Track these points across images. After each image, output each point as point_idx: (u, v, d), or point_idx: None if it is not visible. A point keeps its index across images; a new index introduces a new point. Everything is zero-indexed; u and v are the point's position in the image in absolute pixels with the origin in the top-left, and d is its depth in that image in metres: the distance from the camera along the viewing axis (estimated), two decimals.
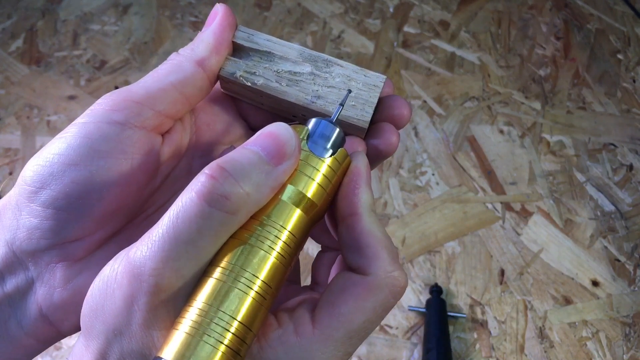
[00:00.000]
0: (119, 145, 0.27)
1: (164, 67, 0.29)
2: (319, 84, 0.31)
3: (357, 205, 0.26)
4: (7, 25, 0.97)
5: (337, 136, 0.27)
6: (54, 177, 0.26)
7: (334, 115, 0.28)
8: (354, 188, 0.26)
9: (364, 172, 0.27)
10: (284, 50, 0.32)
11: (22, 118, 0.86)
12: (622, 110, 0.88)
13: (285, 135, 0.24)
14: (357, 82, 0.31)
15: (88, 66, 0.92)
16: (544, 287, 0.71)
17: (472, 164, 0.82)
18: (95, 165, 0.26)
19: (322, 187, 0.25)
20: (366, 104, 0.30)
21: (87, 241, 0.27)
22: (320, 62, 0.31)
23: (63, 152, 0.26)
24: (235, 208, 0.22)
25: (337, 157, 0.26)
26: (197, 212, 0.21)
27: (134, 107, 0.27)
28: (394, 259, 0.25)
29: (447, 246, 0.74)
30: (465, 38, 0.97)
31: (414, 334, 0.68)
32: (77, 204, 0.26)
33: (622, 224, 0.77)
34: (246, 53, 0.31)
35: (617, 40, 0.97)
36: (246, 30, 0.32)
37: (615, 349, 0.67)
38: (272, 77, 0.31)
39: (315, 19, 0.99)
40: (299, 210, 0.25)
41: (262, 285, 0.23)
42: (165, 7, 1.00)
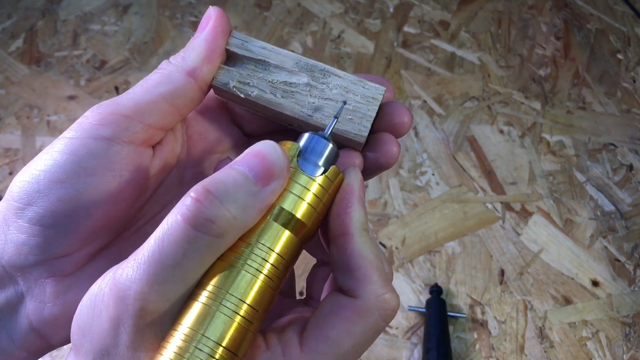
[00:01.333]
0: (106, 162, 0.26)
1: (153, 77, 0.28)
2: (316, 96, 0.29)
3: (348, 224, 0.25)
4: (7, 25, 0.97)
5: (329, 152, 0.26)
6: (40, 194, 0.26)
7: (328, 130, 0.27)
8: (345, 207, 0.25)
9: (356, 189, 0.26)
10: (279, 58, 0.30)
11: (22, 118, 0.86)
12: (622, 110, 0.88)
13: (273, 154, 0.23)
14: (355, 94, 0.29)
15: (88, 66, 0.92)
16: (544, 287, 0.71)
17: (472, 164, 0.82)
18: (82, 182, 0.26)
19: (312, 206, 0.25)
20: (364, 117, 0.29)
21: (76, 257, 0.27)
22: (317, 72, 0.30)
23: (49, 168, 0.26)
24: (222, 231, 0.21)
25: (329, 175, 0.25)
26: (182, 235, 0.21)
27: (122, 121, 0.27)
28: (386, 280, 0.24)
29: (447, 246, 0.74)
30: (465, 38, 0.97)
31: (414, 334, 0.68)
32: (63, 221, 0.26)
33: (622, 224, 0.77)
34: (240, 61, 0.30)
35: (617, 40, 0.97)
36: (240, 37, 0.30)
37: (615, 349, 0.67)
38: (266, 87, 0.30)
39: (315, 19, 0.99)
40: (288, 232, 0.24)
41: (249, 310, 0.22)
42: (165, 7, 1.00)
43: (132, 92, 0.27)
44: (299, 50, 0.94)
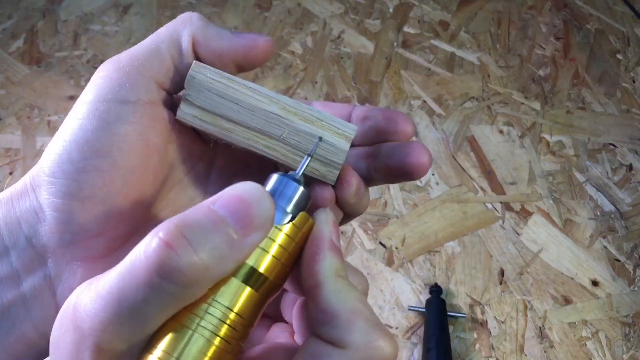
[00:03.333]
0: (135, 126, 0.25)
1: (162, 32, 0.27)
2: (286, 128, 0.27)
3: (319, 274, 0.22)
4: (7, 25, 0.97)
5: (300, 197, 0.24)
6: (75, 167, 0.24)
7: (300, 169, 0.25)
8: (314, 254, 0.23)
9: (326, 234, 0.23)
10: (247, 96, 0.27)
11: (22, 118, 0.86)
12: (621, 110, 0.88)
13: (260, 203, 0.20)
14: (328, 131, 0.27)
15: (88, 66, 0.92)
16: (544, 287, 0.72)
17: (472, 164, 0.82)
18: (117, 149, 0.25)
19: (277, 259, 0.22)
20: (334, 159, 0.27)
21: (109, 236, 0.26)
22: (289, 107, 0.27)
23: (80, 138, 0.24)
24: (190, 282, 0.19)
25: (297, 222, 0.23)
26: (145, 281, 0.18)
27: (141, 82, 0.25)
28: (375, 325, 0.21)
29: (447, 246, 0.74)
30: (465, 38, 0.97)
31: (414, 334, 0.68)
32: (101, 193, 0.25)
33: (621, 224, 0.77)
34: (202, 88, 0.27)
35: (617, 40, 0.97)
36: (201, 72, 0.27)
37: (615, 348, 0.67)
38: (232, 119, 0.27)
39: (315, 19, 0.99)
40: (249, 288, 0.21)
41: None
42: (165, 7, 1.00)
43: (143, 48, 0.26)
44: (299, 50, 0.94)
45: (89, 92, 0.25)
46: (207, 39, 0.27)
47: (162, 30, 0.27)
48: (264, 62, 0.28)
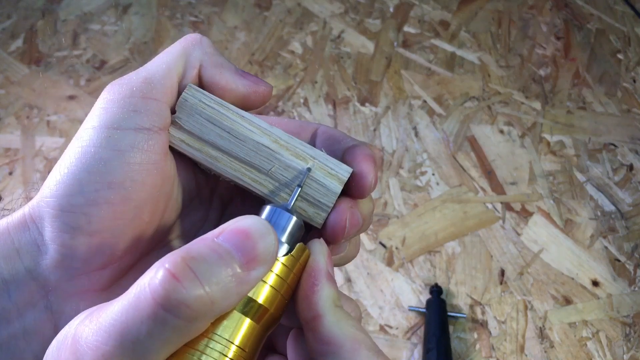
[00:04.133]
0: (149, 155, 0.24)
1: (175, 50, 0.26)
2: (275, 162, 0.26)
3: (317, 305, 0.22)
4: (7, 25, 0.97)
5: (293, 226, 0.23)
6: (85, 198, 0.23)
7: (291, 200, 0.25)
8: (312, 286, 0.23)
9: (322, 265, 0.23)
10: (238, 128, 0.26)
11: (22, 118, 0.86)
12: (622, 110, 0.88)
13: (264, 237, 0.20)
14: (320, 170, 0.26)
15: (88, 66, 0.92)
16: (544, 287, 0.71)
17: (472, 164, 0.82)
18: (130, 180, 0.23)
19: (275, 289, 0.22)
20: (323, 201, 0.26)
21: (115, 268, 0.25)
22: (282, 141, 0.26)
23: (92, 167, 0.23)
24: (196, 316, 0.18)
25: (294, 253, 0.23)
26: (149, 313, 0.18)
27: (154, 107, 0.24)
28: (377, 353, 0.21)
29: (447, 246, 0.74)
30: (465, 38, 0.97)
31: (414, 334, 0.68)
32: (111, 226, 0.24)
33: (622, 224, 0.77)
34: (194, 112, 0.26)
35: (617, 40, 0.97)
36: (195, 95, 0.26)
37: (616, 349, 0.67)
38: (220, 147, 0.26)
39: (315, 19, 0.98)
40: (249, 320, 0.21)
41: None
42: (165, 7, 1.00)
43: (155, 70, 0.25)
44: (299, 50, 0.94)
45: (97, 117, 0.24)
46: (214, 68, 0.26)
47: (172, 49, 0.26)
48: (260, 107, 0.28)
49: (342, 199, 0.26)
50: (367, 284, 0.71)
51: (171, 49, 0.26)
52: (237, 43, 0.96)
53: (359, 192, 0.26)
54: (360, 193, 0.26)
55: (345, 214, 0.25)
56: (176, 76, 0.26)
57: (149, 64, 0.26)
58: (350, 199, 0.26)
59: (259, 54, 0.94)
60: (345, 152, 0.26)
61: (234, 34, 0.97)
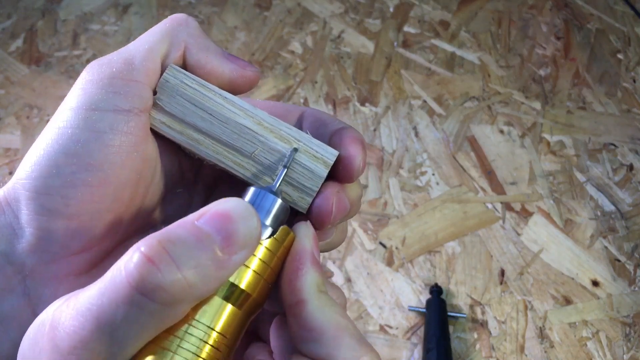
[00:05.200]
0: (129, 137, 0.23)
1: (157, 30, 0.25)
2: (259, 145, 0.25)
3: (301, 290, 0.22)
4: (7, 25, 0.97)
5: (278, 209, 0.23)
6: (62, 180, 0.22)
7: (276, 182, 0.24)
8: (296, 270, 0.22)
9: (308, 248, 0.23)
10: (221, 110, 0.25)
11: (21, 118, 0.86)
12: (622, 110, 0.88)
13: (246, 220, 0.19)
14: (305, 154, 0.25)
15: None
16: (544, 287, 0.71)
17: (472, 164, 0.82)
18: (109, 163, 0.23)
19: (258, 274, 0.21)
20: (307, 186, 0.25)
21: (94, 252, 0.24)
22: (266, 123, 0.25)
23: (71, 149, 0.22)
24: (173, 300, 0.18)
25: (278, 236, 0.22)
26: (125, 297, 0.17)
27: (134, 88, 0.24)
28: (360, 340, 0.21)
29: (447, 246, 0.74)
30: (465, 38, 0.97)
31: (414, 334, 0.68)
32: (90, 209, 0.23)
33: (622, 224, 0.77)
34: (175, 93, 0.25)
35: (617, 40, 0.97)
36: (176, 76, 0.25)
37: (616, 349, 0.67)
38: (201, 129, 0.25)
39: (315, 19, 0.98)
40: (230, 305, 0.20)
41: None
42: (165, 7, 1.00)
43: (137, 50, 0.24)
44: (299, 50, 0.94)
45: (76, 97, 0.23)
46: (200, 50, 0.26)
47: (156, 29, 0.26)
48: (247, 91, 0.27)
49: (329, 183, 0.25)
50: (367, 284, 0.71)
51: (154, 28, 0.26)
52: (237, 43, 0.96)
53: (346, 176, 0.25)
54: (348, 177, 0.25)
55: (331, 199, 0.25)
56: (159, 57, 0.25)
57: (131, 44, 0.25)
58: (338, 183, 0.25)
59: (259, 54, 0.94)
60: (332, 135, 0.26)
61: (234, 34, 0.97)
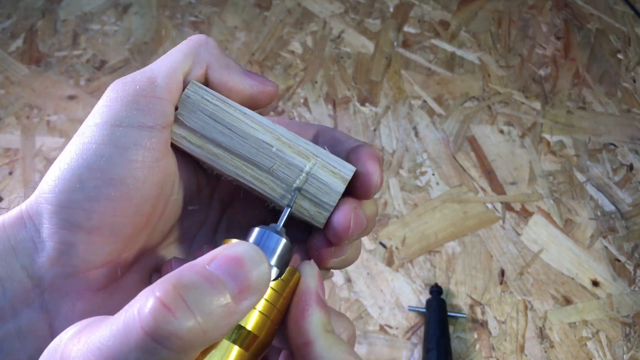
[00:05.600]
0: (152, 152, 0.24)
1: (181, 50, 0.26)
2: (277, 160, 0.25)
3: (308, 331, 0.22)
4: (7, 25, 0.97)
5: (282, 249, 0.23)
6: (85, 194, 0.23)
7: (280, 222, 0.24)
8: (303, 310, 0.22)
9: (313, 288, 0.23)
10: (240, 125, 0.26)
11: (22, 118, 0.86)
12: (622, 110, 0.88)
13: (257, 265, 0.19)
14: (323, 169, 0.25)
15: (88, 66, 0.92)
16: (544, 287, 0.71)
17: (472, 164, 0.82)
18: (132, 178, 0.23)
19: (265, 315, 0.21)
20: (325, 201, 0.25)
21: (114, 266, 0.25)
22: (285, 138, 0.26)
23: (95, 163, 0.23)
24: (186, 347, 0.18)
25: (284, 277, 0.22)
26: (137, 343, 0.17)
27: (157, 105, 0.24)
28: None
29: (447, 246, 0.74)
30: (465, 38, 0.97)
31: (414, 334, 0.68)
32: (111, 223, 0.23)
33: (622, 224, 0.77)
34: (196, 109, 0.26)
35: (617, 40, 0.97)
36: (197, 92, 0.26)
37: (616, 349, 0.67)
38: (221, 144, 0.25)
39: (315, 19, 0.98)
40: (237, 347, 0.20)
41: None
42: (165, 7, 1.00)
43: (159, 69, 0.25)
44: (299, 50, 0.94)
45: (100, 114, 0.24)
46: (221, 68, 0.26)
47: (178, 49, 0.26)
48: (267, 106, 0.28)
49: (346, 199, 0.26)
50: (367, 284, 0.71)
51: (177, 48, 0.26)
52: (237, 43, 0.96)
53: (364, 193, 0.25)
54: (366, 193, 0.25)
55: (349, 214, 0.25)
56: (181, 75, 0.26)
57: (154, 64, 0.26)
58: (355, 199, 0.26)
59: (259, 54, 0.94)
60: (350, 153, 0.26)
61: (234, 34, 0.97)
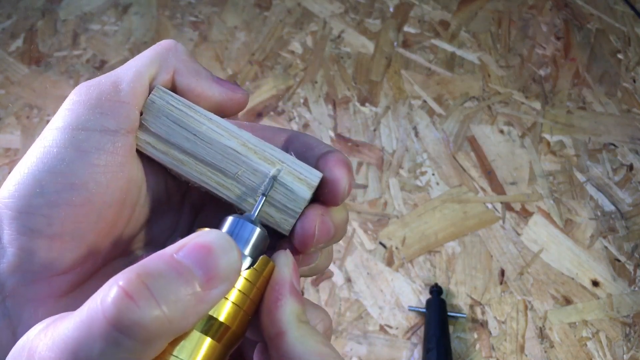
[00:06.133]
0: (115, 157, 0.23)
1: (147, 55, 0.25)
2: (242, 166, 0.25)
3: (281, 321, 0.21)
4: (7, 25, 0.97)
5: (257, 238, 0.22)
6: (45, 199, 0.22)
7: (255, 211, 0.24)
8: (276, 300, 0.22)
9: (287, 277, 0.22)
10: (205, 131, 0.25)
11: (21, 118, 0.86)
12: (622, 110, 0.88)
13: (226, 253, 0.19)
14: (289, 175, 0.25)
15: (88, 66, 0.92)
16: (544, 287, 0.71)
17: (472, 164, 0.82)
18: (94, 182, 0.23)
19: (238, 306, 0.21)
20: (290, 207, 0.25)
21: (77, 273, 0.24)
22: (250, 144, 0.25)
23: (55, 168, 0.22)
24: (151, 337, 0.17)
25: (257, 266, 0.22)
26: (101, 333, 0.17)
27: (121, 109, 0.24)
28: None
29: (447, 246, 0.74)
30: (465, 38, 0.97)
31: (414, 334, 0.68)
32: (73, 229, 0.23)
33: (622, 224, 0.77)
34: (161, 114, 0.25)
35: (617, 40, 0.97)
36: (162, 97, 0.25)
37: (616, 349, 0.67)
38: (186, 150, 0.25)
39: (315, 19, 0.98)
40: (209, 339, 0.20)
41: None
42: (165, 7, 1.00)
43: (125, 73, 0.25)
44: (299, 50, 0.94)
45: (62, 118, 0.23)
46: (190, 74, 0.26)
47: (145, 54, 0.26)
48: (236, 113, 0.27)
49: (313, 206, 0.25)
50: (367, 284, 0.71)
51: (143, 53, 0.26)
52: (237, 43, 0.96)
53: (331, 199, 0.25)
54: (334, 200, 0.25)
55: (314, 221, 0.24)
56: (147, 79, 0.25)
57: (120, 68, 0.25)
58: (323, 206, 0.25)
59: (259, 54, 0.94)
60: (319, 159, 0.25)
61: (234, 34, 0.97)
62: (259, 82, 0.90)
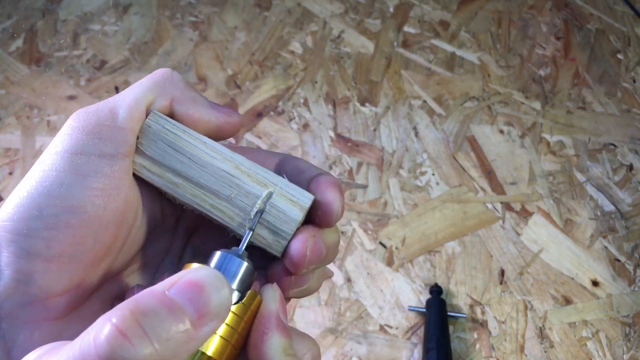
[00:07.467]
0: (112, 180, 0.24)
1: (145, 83, 0.26)
2: (235, 189, 0.25)
3: (267, 355, 0.22)
4: (7, 25, 0.97)
5: (244, 273, 0.23)
6: (44, 222, 0.23)
7: (242, 246, 0.24)
8: (262, 334, 0.22)
9: (274, 312, 0.23)
10: (199, 154, 0.26)
11: (22, 118, 0.86)
12: (622, 110, 0.88)
13: (217, 290, 0.19)
14: (281, 197, 0.25)
15: (88, 66, 0.92)
16: (544, 287, 0.71)
17: (472, 164, 0.82)
18: (92, 205, 0.23)
19: (226, 340, 0.21)
20: (283, 229, 0.25)
21: (73, 295, 0.24)
22: (244, 167, 0.26)
23: (54, 191, 0.23)
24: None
25: (246, 301, 0.22)
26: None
27: (119, 135, 0.24)
28: None
29: (447, 246, 0.74)
30: (465, 38, 0.97)
31: (414, 334, 0.68)
32: (70, 251, 0.23)
33: (622, 224, 0.77)
34: (156, 138, 0.26)
35: (617, 40, 0.97)
36: (158, 122, 0.26)
37: (615, 349, 0.67)
38: (180, 173, 0.26)
39: (315, 19, 0.99)
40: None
41: None
42: (165, 7, 1.00)
43: (123, 100, 0.25)
44: (299, 50, 0.94)
45: (61, 142, 0.24)
46: (187, 101, 0.27)
47: (143, 82, 0.26)
48: (232, 136, 0.28)
49: (305, 227, 0.26)
50: (367, 284, 0.71)
51: (141, 81, 0.26)
52: (237, 43, 0.96)
53: (324, 221, 0.25)
54: (326, 222, 0.25)
55: (306, 243, 0.25)
56: (144, 106, 0.26)
57: (118, 95, 0.26)
58: (315, 227, 0.26)
59: (259, 54, 0.94)
60: (311, 182, 0.26)
61: (234, 34, 0.97)
62: (259, 82, 0.90)
